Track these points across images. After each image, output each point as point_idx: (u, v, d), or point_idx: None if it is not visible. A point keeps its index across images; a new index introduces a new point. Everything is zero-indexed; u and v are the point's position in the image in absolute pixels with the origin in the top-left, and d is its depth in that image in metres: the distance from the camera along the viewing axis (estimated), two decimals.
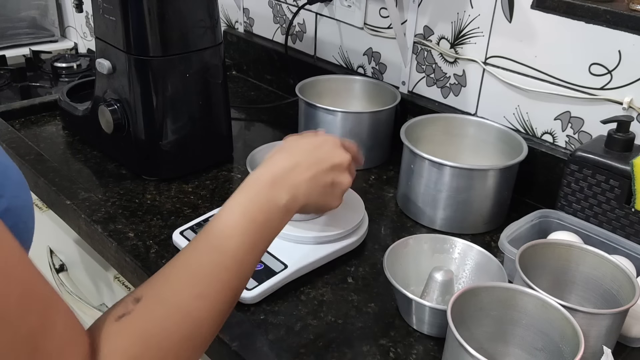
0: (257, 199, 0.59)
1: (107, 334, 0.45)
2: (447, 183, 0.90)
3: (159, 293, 0.50)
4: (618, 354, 0.71)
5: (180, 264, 0.53)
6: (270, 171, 0.62)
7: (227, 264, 0.54)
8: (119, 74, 0.98)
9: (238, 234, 0.55)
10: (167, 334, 0.48)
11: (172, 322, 0.48)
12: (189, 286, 0.51)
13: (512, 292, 0.66)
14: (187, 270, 0.52)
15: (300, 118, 1.12)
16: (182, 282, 0.51)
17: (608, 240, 0.82)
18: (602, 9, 0.87)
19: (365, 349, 0.70)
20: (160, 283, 0.52)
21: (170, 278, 0.52)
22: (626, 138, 0.83)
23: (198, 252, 0.54)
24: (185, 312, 0.49)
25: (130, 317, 0.47)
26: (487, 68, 1.04)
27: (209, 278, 0.52)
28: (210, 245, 0.54)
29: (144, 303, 0.48)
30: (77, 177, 1.02)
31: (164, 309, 0.49)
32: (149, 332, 0.47)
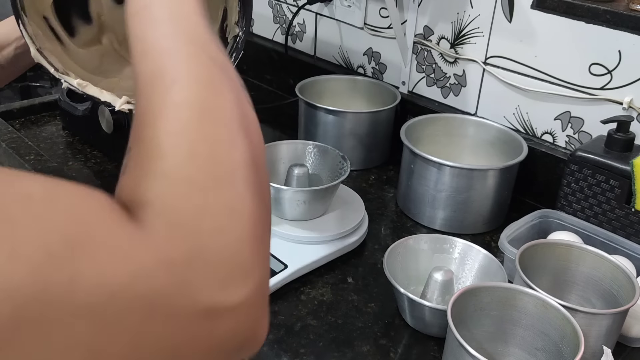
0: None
1: (121, 189, 0.37)
2: (447, 183, 0.90)
3: (142, 120, 0.40)
4: (618, 354, 0.71)
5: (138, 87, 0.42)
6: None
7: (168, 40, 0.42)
8: None
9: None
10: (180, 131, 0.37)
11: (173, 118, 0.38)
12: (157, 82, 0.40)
13: (512, 292, 0.66)
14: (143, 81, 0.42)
15: (300, 118, 1.12)
16: (150, 85, 0.41)
17: (608, 240, 0.82)
18: (602, 9, 0.87)
19: (365, 349, 0.70)
20: (137, 117, 0.41)
21: (137, 107, 0.41)
22: (626, 138, 0.83)
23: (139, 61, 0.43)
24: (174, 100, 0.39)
25: (131, 159, 0.38)
26: (487, 68, 1.04)
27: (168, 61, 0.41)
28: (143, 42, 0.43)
29: (134, 144, 0.39)
30: (77, 177, 1.02)
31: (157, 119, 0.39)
32: (158, 150, 0.37)
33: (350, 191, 0.94)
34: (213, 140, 0.37)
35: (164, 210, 0.33)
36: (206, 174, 0.36)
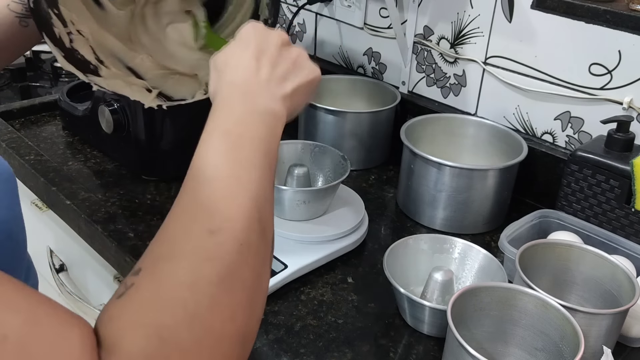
0: (234, 115, 0.52)
1: (110, 318, 0.37)
2: (447, 183, 0.90)
3: (161, 252, 0.41)
4: (618, 354, 0.71)
5: (170, 219, 0.44)
6: (237, 80, 0.55)
7: (227, 187, 0.45)
8: None
9: (226, 158, 0.47)
10: (186, 288, 0.38)
11: (188, 272, 0.39)
12: (192, 228, 0.42)
13: (512, 292, 0.66)
14: (181, 219, 0.43)
15: (300, 118, 1.12)
16: (183, 227, 0.42)
17: (608, 240, 0.82)
18: (602, 9, 0.87)
19: (365, 349, 0.70)
20: (159, 242, 0.42)
21: (164, 235, 0.43)
22: (626, 138, 0.83)
23: (186, 193, 0.46)
24: (200, 256, 0.40)
25: (134, 289, 0.38)
26: (487, 68, 1.04)
27: (213, 210, 0.43)
28: (198, 179, 0.46)
29: (145, 271, 0.40)
30: (77, 177, 1.02)
31: (173, 263, 0.39)
32: (160, 296, 0.38)
33: (350, 191, 0.94)
34: (218, 309, 0.39)
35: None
36: (195, 343, 0.36)
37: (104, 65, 0.75)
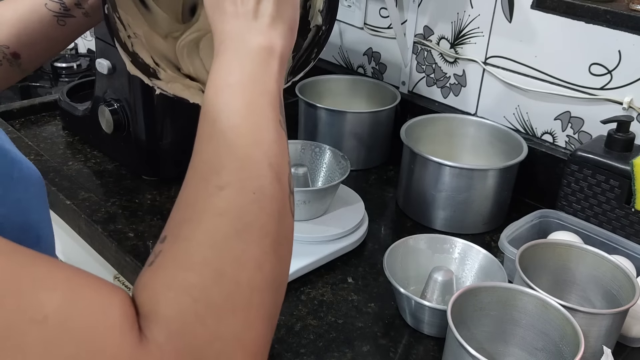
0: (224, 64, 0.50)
1: (144, 285, 0.37)
2: (447, 183, 0.90)
3: (179, 217, 0.42)
4: (618, 354, 0.71)
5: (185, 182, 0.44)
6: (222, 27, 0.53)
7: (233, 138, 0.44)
8: (119, 74, 0.98)
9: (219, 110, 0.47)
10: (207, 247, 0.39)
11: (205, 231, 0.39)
12: (202, 188, 0.42)
13: (512, 292, 0.66)
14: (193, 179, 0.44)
15: (300, 118, 1.12)
16: (195, 188, 0.43)
17: (608, 240, 0.82)
18: (602, 9, 0.87)
19: (365, 349, 0.70)
20: (177, 207, 0.43)
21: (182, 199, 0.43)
22: (626, 138, 0.83)
23: (195, 152, 0.45)
24: (214, 213, 0.40)
25: (161, 256, 0.39)
26: (487, 68, 1.04)
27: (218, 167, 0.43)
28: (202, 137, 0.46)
29: (169, 237, 0.40)
30: (77, 177, 1.02)
31: (191, 226, 0.40)
32: (185, 259, 0.38)
33: (350, 191, 0.94)
34: (241, 261, 0.39)
35: (177, 334, 0.34)
36: (225, 298, 0.37)
37: (161, 68, 0.75)
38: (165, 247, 0.39)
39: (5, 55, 0.70)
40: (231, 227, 0.40)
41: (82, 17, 0.73)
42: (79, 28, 0.74)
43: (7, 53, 0.70)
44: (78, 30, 0.75)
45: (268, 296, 0.39)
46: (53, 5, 0.71)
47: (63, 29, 0.73)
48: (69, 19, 0.72)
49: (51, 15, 0.72)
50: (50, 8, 0.71)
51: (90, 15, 0.74)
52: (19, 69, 0.72)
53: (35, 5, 0.71)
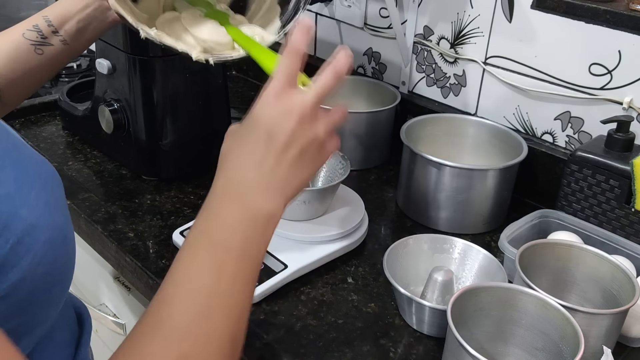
0: (225, 223, 0.49)
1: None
2: (447, 183, 0.90)
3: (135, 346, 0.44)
4: (618, 354, 0.71)
5: (140, 332, 0.45)
6: (234, 176, 0.51)
7: (205, 305, 0.45)
8: (119, 74, 0.98)
9: (208, 271, 0.47)
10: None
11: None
12: (164, 349, 0.44)
13: (512, 292, 0.66)
14: (151, 337, 0.44)
15: None
16: (156, 345, 0.44)
17: (608, 240, 0.82)
18: (602, 9, 0.87)
19: (365, 349, 0.70)
20: (130, 351, 0.44)
21: (141, 343, 0.44)
22: (626, 138, 0.83)
23: (162, 304, 0.46)
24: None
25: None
26: (487, 68, 1.04)
27: (186, 333, 0.44)
28: (175, 291, 0.46)
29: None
30: (77, 177, 1.02)
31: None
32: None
33: (350, 191, 0.94)
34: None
35: None
36: None
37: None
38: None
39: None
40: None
41: (60, 45, 0.73)
42: (57, 57, 0.74)
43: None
44: (57, 60, 0.74)
45: None
46: (30, 34, 0.71)
47: (41, 58, 0.72)
48: (46, 47, 0.72)
49: (28, 44, 0.71)
50: (28, 37, 0.71)
51: (68, 43, 0.73)
52: (0, 103, 0.72)
53: (12, 35, 0.71)
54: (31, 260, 0.39)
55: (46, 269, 0.40)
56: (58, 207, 0.44)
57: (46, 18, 0.72)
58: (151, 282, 0.79)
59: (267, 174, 0.50)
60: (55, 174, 0.47)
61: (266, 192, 0.50)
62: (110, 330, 1.01)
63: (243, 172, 0.50)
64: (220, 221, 0.49)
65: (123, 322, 0.99)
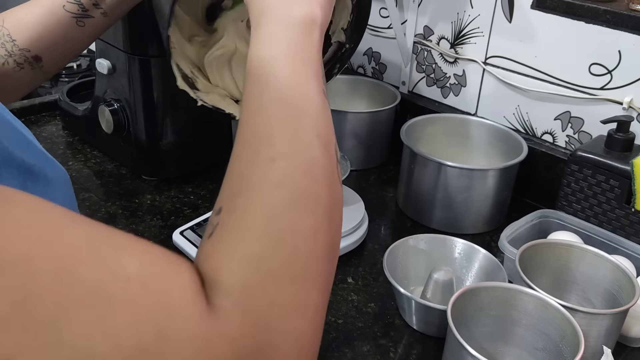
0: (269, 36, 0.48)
1: (205, 256, 0.39)
2: (447, 183, 0.90)
3: (233, 189, 0.42)
4: (618, 354, 0.71)
5: (236, 148, 0.44)
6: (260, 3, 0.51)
7: (282, 110, 0.44)
8: (119, 74, 0.98)
9: (266, 83, 0.46)
10: (264, 218, 0.39)
11: (262, 203, 0.40)
12: (256, 158, 0.42)
13: (512, 292, 0.66)
14: (244, 147, 0.43)
15: None
16: (247, 160, 0.43)
17: (608, 240, 0.82)
18: (602, 9, 0.87)
19: (365, 349, 0.70)
20: (230, 179, 0.43)
21: (235, 166, 0.43)
22: (626, 138, 0.83)
23: (244, 122, 0.45)
24: (269, 185, 0.41)
25: (220, 227, 0.40)
26: (487, 68, 1.04)
27: (269, 139, 0.43)
28: (250, 109, 0.45)
29: (225, 209, 0.41)
30: (77, 177, 1.02)
31: (247, 197, 0.40)
32: (244, 229, 0.39)
33: (350, 191, 0.94)
34: (299, 231, 0.40)
35: (241, 301, 0.36)
36: (285, 267, 0.38)
37: (196, 76, 0.75)
38: (222, 219, 0.40)
39: (26, 59, 0.71)
40: (287, 198, 0.40)
41: (101, 17, 0.74)
42: (98, 28, 0.75)
43: (28, 57, 0.71)
44: (97, 31, 0.75)
45: (323, 265, 0.41)
46: (71, 7, 0.72)
47: (82, 29, 0.73)
48: (87, 19, 0.73)
49: (70, 17, 0.72)
50: (69, 10, 0.72)
51: (108, 15, 0.74)
52: (41, 71, 0.73)
53: (53, 7, 0.71)
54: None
55: None
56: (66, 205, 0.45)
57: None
58: None
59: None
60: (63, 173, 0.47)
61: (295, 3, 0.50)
62: None
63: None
64: (265, 36, 0.48)
65: None
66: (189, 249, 0.82)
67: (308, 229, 0.40)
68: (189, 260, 0.37)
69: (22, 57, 0.70)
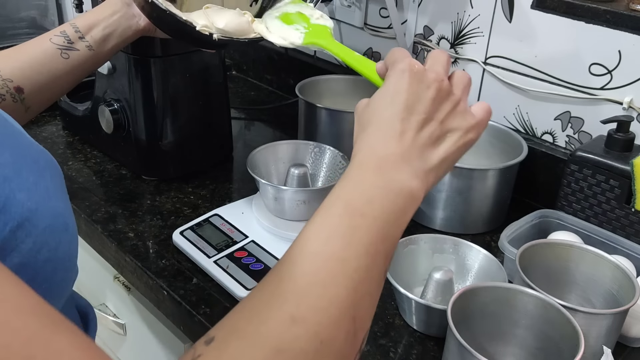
0: (363, 188, 0.46)
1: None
2: (447, 183, 0.90)
3: (237, 326, 0.39)
4: (618, 354, 0.71)
5: (259, 288, 0.41)
6: (376, 145, 0.49)
7: (330, 271, 0.41)
8: (119, 74, 0.98)
9: (339, 235, 0.43)
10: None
11: (255, 358, 0.37)
12: (275, 308, 0.39)
13: (512, 292, 0.66)
14: (269, 291, 0.40)
15: (300, 118, 1.12)
16: (267, 304, 0.40)
17: (608, 240, 0.82)
18: (602, 9, 0.87)
19: (365, 349, 0.70)
20: (240, 312, 0.40)
21: (249, 305, 0.40)
22: (626, 138, 0.83)
23: (286, 263, 0.42)
24: (273, 344, 0.38)
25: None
26: (487, 68, 1.04)
27: (305, 296, 0.39)
28: (301, 252, 0.42)
29: (216, 343, 0.38)
30: (77, 177, 1.02)
31: (243, 344, 0.37)
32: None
33: None
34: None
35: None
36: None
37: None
38: (206, 354, 0.37)
39: (8, 90, 0.71)
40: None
41: (86, 51, 0.75)
42: (83, 63, 0.76)
43: (10, 87, 0.71)
44: (83, 66, 0.76)
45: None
46: (57, 39, 0.74)
47: (67, 62, 0.75)
48: (72, 52, 0.74)
49: (55, 48, 0.74)
50: (55, 42, 0.74)
51: (94, 49, 0.76)
52: (23, 105, 0.73)
53: (40, 41, 0.74)
54: (32, 246, 0.38)
55: (47, 255, 0.40)
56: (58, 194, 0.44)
57: (74, 25, 0.75)
58: (151, 282, 0.79)
59: (408, 147, 0.49)
60: (54, 162, 0.47)
61: (408, 167, 0.48)
62: (110, 331, 1.01)
63: (383, 145, 0.49)
64: (359, 189, 0.46)
65: (123, 322, 0.99)
66: (189, 249, 0.82)
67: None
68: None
69: (4, 88, 0.71)
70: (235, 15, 0.77)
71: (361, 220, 0.44)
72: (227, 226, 0.86)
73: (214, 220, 0.87)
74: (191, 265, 0.81)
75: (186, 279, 0.78)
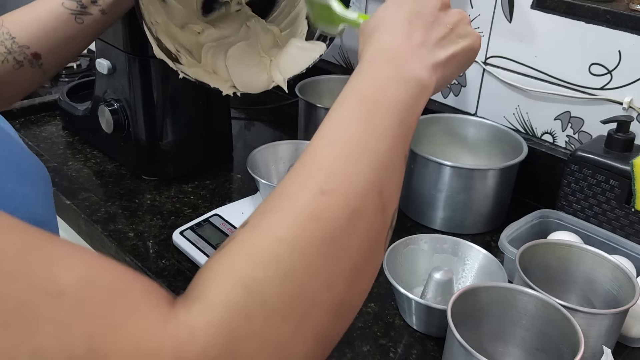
0: (376, 79, 0.48)
1: (205, 268, 0.36)
2: (447, 183, 0.90)
3: (270, 205, 0.40)
4: (618, 354, 0.71)
5: (286, 176, 0.42)
6: (385, 44, 0.51)
7: (351, 152, 0.42)
8: (119, 74, 0.98)
9: (356, 121, 0.44)
10: (283, 244, 0.36)
11: (289, 228, 0.37)
12: (304, 185, 0.40)
13: (512, 292, 0.66)
14: (295, 174, 0.42)
15: (300, 118, 1.12)
16: (297, 183, 0.41)
17: (608, 240, 0.82)
18: (602, 9, 0.87)
19: (365, 349, 0.70)
20: (272, 196, 0.41)
21: (277, 191, 0.41)
22: (626, 138, 0.83)
23: (308, 152, 0.43)
24: (306, 214, 0.38)
25: (234, 240, 0.37)
26: (487, 68, 1.04)
27: (331, 171, 0.41)
28: (321, 139, 0.44)
29: (250, 223, 0.38)
30: (77, 177, 1.02)
31: (277, 217, 0.38)
32: (255, 249, 0.36)
33: None
34: (314, 273, 0.37)
35: (219, 323, 0.32)
36: (282, 301, 0.35)
37: (181, 54, 0.80)
38: (241, 234, 0.37)
39: (26, 56, 0.71)
40: (317, 236, 0.38)
41: (99, 15, 0.75)
42: (96, 26, 0.76)
43: (27, 54, 0.71)
44: (96, 29, 0.76)
45: (329, 317, 0.37)
46: (70, 4, 0.73)
47: (81, 27, 0.74)
48: (86, 16, 0.74)
49: (68, 14, 0.73)
50: (67, 7, 0.73)
51: (107, 13, 0.75)
52: (41, 70, 0.73)
53: (52, 5, 0.73)
54: None
55: None
56: (40, 201, 0.43)
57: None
58: None
59: (417, 44, 0.51)
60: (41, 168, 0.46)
61: (418, 60, 0.50)
62: None
63: (393, 42, 0.51)
64: (371, 81, 0.48)
65: None
66: (189, 249, 0.82)
67: (325, 276, 0.37)
68: (148, 280, 0.34)
69: (22, 55, 0.71)
70: (253, 70, 0.82)
71: (376, 107, 0.45)
72: (227, 226, 0.86)
73: (214, 220, 0.87)
74: (191, 265, 0.81)
75: (186, 279, 0.78)
